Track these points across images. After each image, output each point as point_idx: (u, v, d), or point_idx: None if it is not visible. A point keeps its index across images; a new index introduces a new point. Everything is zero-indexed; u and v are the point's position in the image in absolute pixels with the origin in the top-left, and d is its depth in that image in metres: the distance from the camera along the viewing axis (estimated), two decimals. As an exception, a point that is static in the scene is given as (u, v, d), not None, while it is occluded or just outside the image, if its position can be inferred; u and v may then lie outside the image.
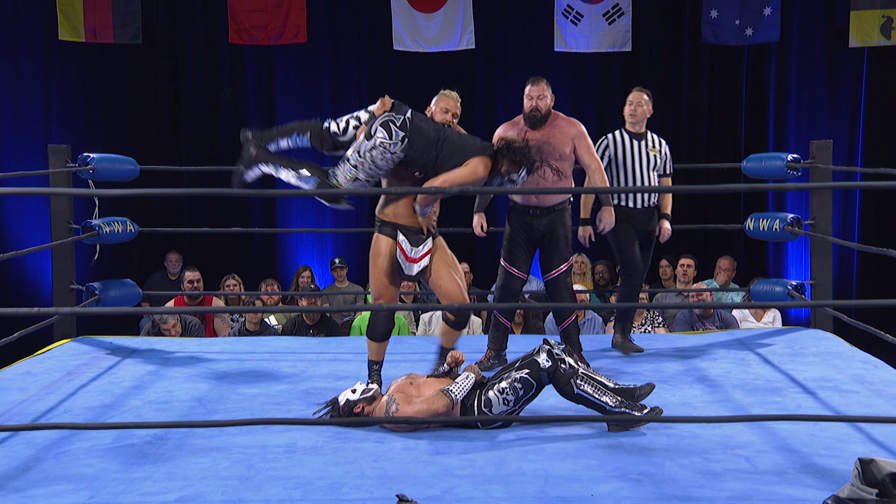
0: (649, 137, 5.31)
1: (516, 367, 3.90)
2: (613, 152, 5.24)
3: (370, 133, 4.15)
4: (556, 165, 4.64)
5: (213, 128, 9.38)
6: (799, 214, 5.95)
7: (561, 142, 4.84)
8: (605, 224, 5.06)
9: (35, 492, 3.23)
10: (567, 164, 4.89)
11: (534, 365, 3.85)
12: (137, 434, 3.77)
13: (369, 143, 4.14)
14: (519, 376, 3.85)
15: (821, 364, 4.89)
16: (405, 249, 4.26)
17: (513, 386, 3.84)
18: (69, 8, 8.89)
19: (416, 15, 9.06)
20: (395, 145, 4.14)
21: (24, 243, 8.76)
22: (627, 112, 5.34)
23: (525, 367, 3.87)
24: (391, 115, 4.17)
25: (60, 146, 5.67)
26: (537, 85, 4.86)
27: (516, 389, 3.84)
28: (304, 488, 3.24)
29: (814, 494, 3.09)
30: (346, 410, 3.89)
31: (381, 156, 4.14)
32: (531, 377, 3.85)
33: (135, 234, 5.79)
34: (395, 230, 4.29)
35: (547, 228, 4.91)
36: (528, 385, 3.85)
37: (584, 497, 3.15)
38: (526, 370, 3.86)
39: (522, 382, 3.84)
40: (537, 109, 4.84)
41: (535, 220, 4.91)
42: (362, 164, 4.15)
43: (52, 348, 5.41)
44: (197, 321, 6.83)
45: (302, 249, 9.49)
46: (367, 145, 4.14)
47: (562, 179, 4.83)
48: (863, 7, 9.00)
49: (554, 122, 4.89)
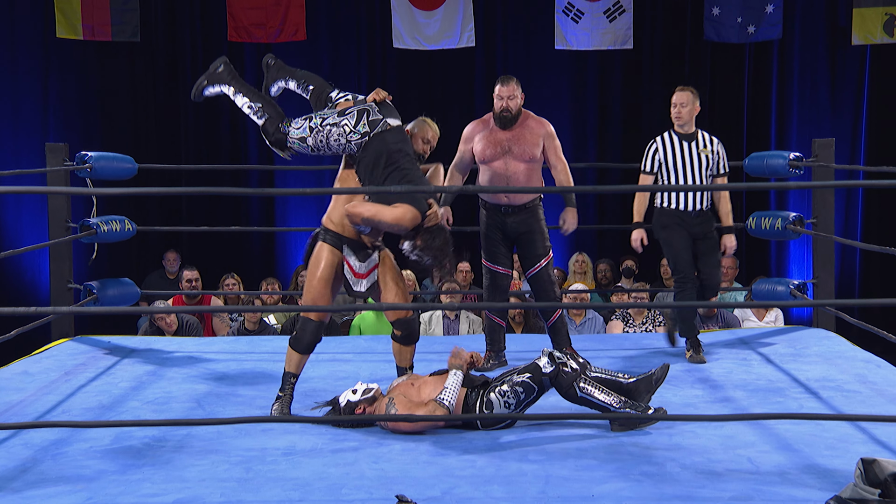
0: (700, 137, 5.10)
1: (518, 370, 3.90)
2: (663, 156, 5.06)
3: (343, 111, 4.11)
4: (524, 167, 4.77)
5: (211, 126, 9.37)
6: (801, 213, 5.95)
7: (531, 142, 4.84)
8: (568, 225, 5.02)
9: (33, 493, 3.23)
10: (536, 165, 4.90)
11: (535, 369, 3.85)
12: (136, 435, 3.77)
13: (335, 119, 4.10)
14: (520, 379, 3.84)
15: (823, 364, 4.89)
16: (352, 265, 4.15)
17: (514, 389, 3.83)
18: (67, 6, 8.88)
19: (416, 13, 9.05)
20: (353, 134, 4.07)
21: (21, 242, 8.75)
22: (673, 115, 5.13)
23: (527, 371, 3.87)
24: (372, 107, 4.13)
25: (58, 144, 5.67)
26: (507, 85, 4.83)
27: (517, 392, 3.83)
28: (303, 490, 3.24)
29: (816, 495, 3.09)
30: (348, 412, 3.89)
31: (337, 137, 4.09)
32: (532, 381, 3.84)
33: (133, 233, 5.79)
34: (340, 241, 4.14)
35: (521, 226, 4.92)
36: (530, 388, 3.84)
37: (584, 497, 3.14)
38: (528, 374, 3.86)
39: (524, 386, 3.84)
40: (507, 110, 4.83)
41: (507, 218, 4.92)
42: (318, 132, 4.11)
43: (50, 348, 5.41)
44: (195, 320, 6.82)
45: (301, 248, 9.45)
46: (332, 118, 4.11)
47: (531, 179, 4.86)
48: (865, 4, 8.99)
49: (524, 123, 4.88)
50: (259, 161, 9.29)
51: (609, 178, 9.20)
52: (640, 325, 6.77)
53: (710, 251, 5.10)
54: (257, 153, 9.38)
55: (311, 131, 4.13)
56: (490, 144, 4.88)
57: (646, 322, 6.79)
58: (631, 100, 9.45)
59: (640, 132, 9.45)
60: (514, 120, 4.85)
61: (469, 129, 5.00)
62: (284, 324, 7.08)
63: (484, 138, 4.90)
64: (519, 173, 4.86)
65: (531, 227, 4.93)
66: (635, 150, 9.33)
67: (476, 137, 4.94)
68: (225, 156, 9.31)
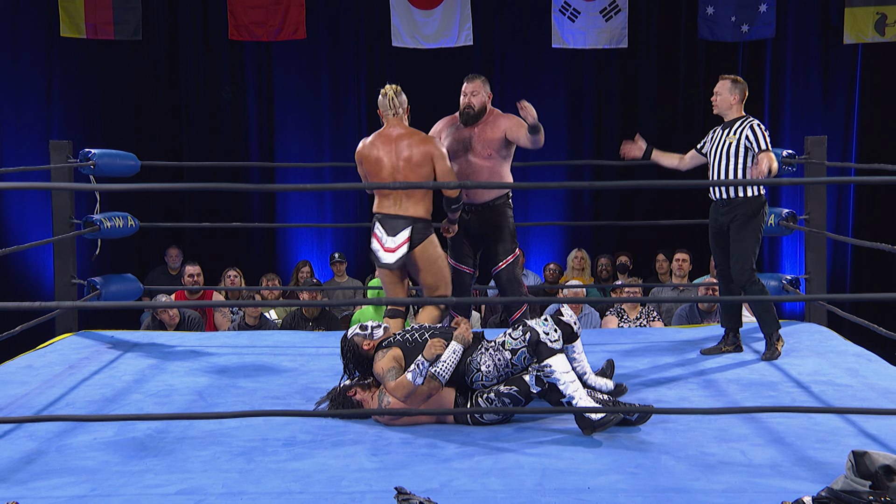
0: (737, 125, 4.84)
1: (509, 380, 3.85)
2: (709, 141, 4.97)
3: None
4: (487, 164, 4.75)
5: (213, 123, 9.36)
6: (794, 209, 5.96)
7: (491, 137, 4.77)
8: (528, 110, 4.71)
9: (37, 484, 3.24)
10: (500, 163, 4.82)
11: (522, 384, 3.81)
12: (139, 427, 3.77)
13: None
14: (508, 391, 3.80)
15: (815, 357, 4.90)
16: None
17: (501, 400, 3.81)
18: (70, 5, 8.87)
19: (415, 11, 9.05)
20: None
21: (25, 238, 8.75)
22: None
23: (514, 384, 3.82)
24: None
25: (62, 142, 5.67)
26: (472, 82, 4.80)
27: (505, 404, 3.80)
28: (303, 481, 3.25)
29: (808, 487, 3.09)
30: (342, 395, 3.88)
31: None
32: (519, 394, 3.81)
33: (136, 229, 5.79)
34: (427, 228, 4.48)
35: (484, 225, 4.87)
36: (517, 401, 3.81)
37: (580, 489, 3.15)
38: (514, 387, 3.81)
39: (511, 398, 3.81)
40: (470, 107, 4.79)
41: (470, 217, 4.88)
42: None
43: (54, 342, 5.41)
44: (197, 315, 6.83)
45: (302, 244, 9.49)
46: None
47: (494, 178, 4.79)
48: (857, 4, 9.00)
49: (488, 119, 4.82)
50: (259, 158, 9.30)
51: (605, 174, 9.21)
52: (634, 321, 6.78)
53: (734, 241, 4.85)
54: (258, 150, 9.39)
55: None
56: (453, 141, 4.82)
57: (639, 318, 6.80)
58: (627, 97, 9.46)
59: (636, 129, 9.47)
60: (478, 117, 4.79)
61: (437, 125, 4.95)
62: (284, 319, 7.08)
63: (449, 135, 4.85)
64: (481, 171, 4.78)
65: (496, 225, 4.87)
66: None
67: (443, 134, 4.89)
68: (226, 153, 9.31)
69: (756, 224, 4.81)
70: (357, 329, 3.94)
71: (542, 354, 3.75)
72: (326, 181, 9.39)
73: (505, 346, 3.83)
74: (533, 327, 3.81)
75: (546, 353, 3.75)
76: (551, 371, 3.73)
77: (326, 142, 9.46)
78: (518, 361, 3.81)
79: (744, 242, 4.81)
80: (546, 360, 3.74)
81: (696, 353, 5.08)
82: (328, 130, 9.46)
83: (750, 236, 4.81)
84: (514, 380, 3.82)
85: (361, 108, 9.42)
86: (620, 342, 5.44)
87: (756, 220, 4.82)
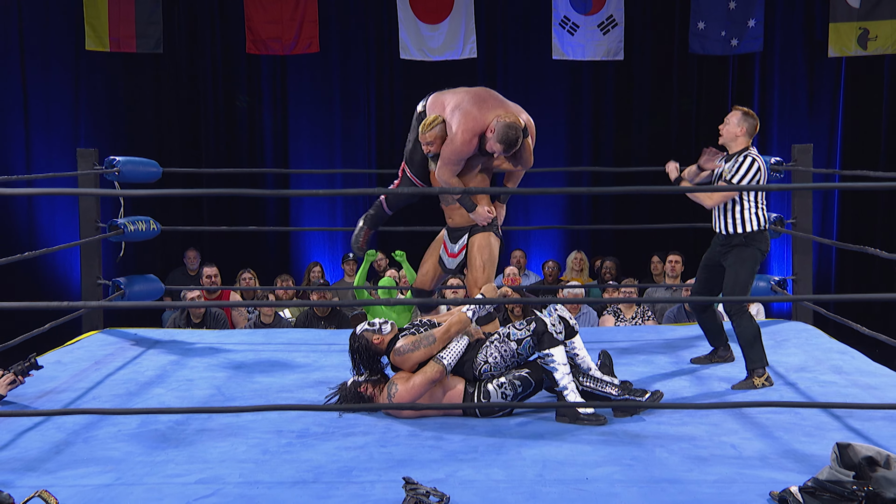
0: (735, 157, 4.49)
1: (518, 367, 3.87)
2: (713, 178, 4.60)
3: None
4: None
5: (230, 131, 9.40)
6: (781, 214, 5.94)
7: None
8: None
9: (65, 473, 3.25)
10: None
11: (535, 368, 3.85)
12: (160, 420, 3.78)
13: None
14: (519, 374, 3.84)
15: (801, 355, 4.89)
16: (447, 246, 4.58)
17: (511, 382, 3.83)
18: (96, 20, 8.90)
19: (422, 26, 9.06)
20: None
21: (54, 241, 8.78)
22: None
23: (526, 367, 3.86)
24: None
25: (88, 150, 5.67)
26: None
27: (515, 386, 3.82)
28: (316, 471, 3.25)
29: (795, 477, 3.09)
30: (353, 390, 3.89)
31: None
32: (531, 377, 3.84)
33: (157, 233, 5.80)
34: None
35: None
36: (528, 383, 3.84)
37: (579, 480, 3.15)
38: (526, 370, 3.85)
39: (522, 381, 3.83)
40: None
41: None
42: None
43: (81, 339, 5.42)
44: (222, 313, 6.88)
45: (314, 246, 9.50)
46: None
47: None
48: (841, 19, 8.99)
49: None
50: (274, 165, 9.32)
51: (603, 180, 9.21)
52: (630, 320, 6.77)
53: (730, 269, 4.41)
54: (272, 157, 9.41)
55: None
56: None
57: (635, 317, 6.79)
58: (623, 107, 9.47)
59: (631, 137, 9.48)
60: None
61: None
62: (298, 317, 7.08)
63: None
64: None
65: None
66: (627, 153, 9.39)
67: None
68: (243, 160, 9.33)
69: (752, 255, 4.39)
70: (365, 325, 3.95)
71: (544, 343, 3.80)
72: (338, 186, 9.40)
73: (510, 337, 3.85)
74: (540, 317, 3.84)
75: (549, 342, 3.80)
76: (552, 360, 3.78)
77: (338, 149, 9.48)
78: (524, 350, 3.85)
79: (738, 275, 4.37)
80: (548, 350, 3.79)
81: (688, 350, 5.07)
82: (339, 138, 9.48)
83: (745, 267, 4.37)
84: (526, 364, 3.86)
85: (371, 117, 9.44)
86: (617, 340, 5.43)
87: (751, 251, 4.39)
